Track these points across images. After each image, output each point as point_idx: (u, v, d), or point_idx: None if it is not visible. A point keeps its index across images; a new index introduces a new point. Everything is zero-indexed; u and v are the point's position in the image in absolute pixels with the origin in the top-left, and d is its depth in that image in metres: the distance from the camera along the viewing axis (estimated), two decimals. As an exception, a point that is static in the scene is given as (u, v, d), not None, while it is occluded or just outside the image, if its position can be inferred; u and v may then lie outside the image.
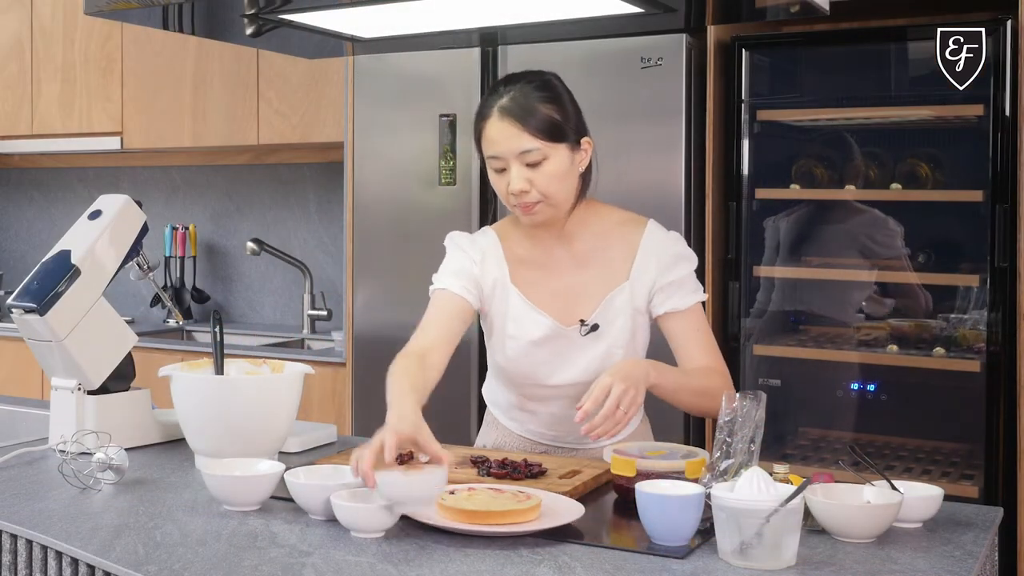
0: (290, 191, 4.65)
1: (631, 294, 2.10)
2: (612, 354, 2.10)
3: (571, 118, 2.04)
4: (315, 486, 1.75)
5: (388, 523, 1.66)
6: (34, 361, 2.36)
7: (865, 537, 1.63)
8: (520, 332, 2.12)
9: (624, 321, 2.10)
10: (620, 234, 2.13)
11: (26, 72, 4.73)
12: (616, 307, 2.10)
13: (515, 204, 2.04)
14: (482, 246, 2.16)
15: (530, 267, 2.14)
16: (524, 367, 2.15)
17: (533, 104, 2.00)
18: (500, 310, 2.14)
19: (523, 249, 2.16)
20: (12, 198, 5.42)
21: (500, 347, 2.16)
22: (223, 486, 1.80)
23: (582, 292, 2.11)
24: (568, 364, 2.12)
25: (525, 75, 2.06)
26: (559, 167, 2.02)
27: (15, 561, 1.73)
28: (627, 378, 1.88)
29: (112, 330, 2.25)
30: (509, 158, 2.00)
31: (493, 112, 2.01)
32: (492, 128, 2.01)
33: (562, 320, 2.11)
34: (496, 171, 2.04)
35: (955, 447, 3.18)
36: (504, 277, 2.14)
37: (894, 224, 3.17)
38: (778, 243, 3.33)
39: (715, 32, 3.19)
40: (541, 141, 1.99)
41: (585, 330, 2.10)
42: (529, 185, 2.01)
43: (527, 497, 1.72)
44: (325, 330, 4.42)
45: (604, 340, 2.10)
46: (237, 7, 2.20)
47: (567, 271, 2.13)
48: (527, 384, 2.17)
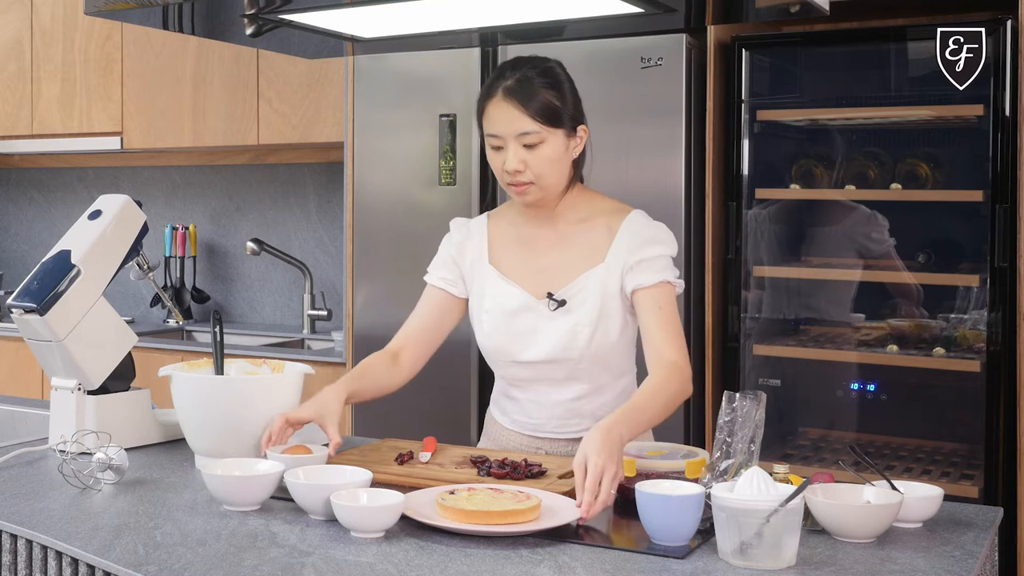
0: (290, 191, 4.65)
1: (604, 275, 2.14)
2: (579, 332, 2.13)
3: (569, 105, 2.13)
4: (315, 486, 1.75)
5: (388, 523, 1.66)
6: (34, 361, 2.37)
7: (865, 537, 1.63)
8: (495, 305, 2.20)
9: (594, 301, 2.14)
10: (604, 220, 2.19)
11: (26, 72, 4.73)
12: (588, 287, 2.14)
13: (509, 183, 2.13)
14: (470, 228, 2.28)
15: (513, 245, 2.23)
16: (499, 341, 2.20)
17: (536, 89, 2.08)
18: (478, 289, 2.23)
19: (511, 228, 2.25)
20: (12, 198, 5.42)
21: (478, 323, 2.23)
22: (223, 486, 1.80)
23: (559, 270, 2.17)
24: (538, 338, 2.16)
25: (531, 60, 2.14)
26: (554, 151, 2.10)
27: (15, 561, 1.73)
28: (601, 452, 1.77)
29: (112, 330, 2.25)
30: (508, 138, 2.09)
31: (497, 92, 2.10)
32: (495, 108, 2.10)
33: (534, 293, 2.18)
34: (494, 148, 2.13)
35: (955, 447, 3.18)
36: (482, 257, 2.23)
37: (881, 219, 3.18)
38: (775, 242, 3.33)
39: (715, 32, 3.19)
40: (539, 124, 2.08)
41: (553, 305, 2.15)
42: (524, 166, 2.09)
43: (527, 497, 1.72)
44: (325, 330, 4.42)
45: (572, 317, 2.14)
46: (237, 7, 2.20)
47: (547, 250, 2.20)
48: (505, 363, 2.22)
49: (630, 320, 2.17)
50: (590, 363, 2.15)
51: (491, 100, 2.11)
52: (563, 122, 2.10)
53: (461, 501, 1.69)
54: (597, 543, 1.65)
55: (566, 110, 2.11)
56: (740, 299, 3.24)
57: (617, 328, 2.16)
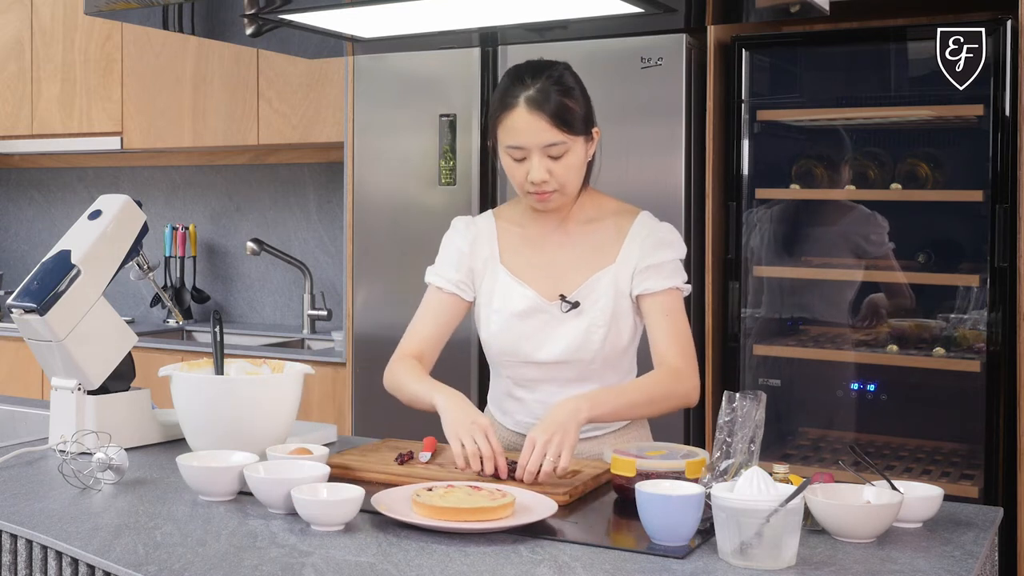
0: (290, 191, 4.65)
1: (615, 276, 2.14)
2: (592, 332, 2.13)
3: (585, 110, 2.11)
4: (274, 480, 1.77)
5: (348, 516, 1.69)
6: (34, 361, 2.37)
7: (865, 537, 1.63)
8: (504, 305, 2.18)
9: (606, 302, 2.13)
10: (613, 221, 2.19)
11: (26, 72, 4.73)
12: (600, 288, 2.14)
13: (531, 192, 2.10)
14: (479, 226, 2.25)
15: (522, 245, 2.21)
16: (507, 342, 2.19)
17: (560, 98, 2.06)
18: (488, 287, 2.21)
19: (517, 229, 2.23)
20: (12, 198, 5.42)
21: (486, 322, 2.22)
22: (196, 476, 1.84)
23: (569, 269, 2.17)
24: (552, 339, 2.16)
25: (544, 66, 2.11)
26: (577, 158, 2.10)
27: (15, 561, 1.73)
28: (550, 427, 1.91)
29: (112, 330, 2.25)
30: (533, 149, 2.06)
31: (519, 103, 2.06)
32: (519, 119, 2.06)
33: (545, 294, 2.16)
34: (515, 160, 2.10)
35: (955, 447, 3.18)
36: (494, 256, 2.21)
37: (881, 219, 3.18)
38: (776, 242, 3.33)
39: (715, 32, 3.19)
40: (565, 135, 2.06)
41: (566, 307, 2.14)
42: (548, 175, 2.08)
43: (503, 495, 1.74)
44: (325, 330, 4.42)
45: (585, 318, 2.14)
46: (237, 7, 2.20)
47: (556, 248, 2.19)
48: (513, 363, 2.21)
49: (639, 322, 2.18)
50: (602, 364, 2.16)
51: (512, 111, 2.07)
52: (582, 128, 2.09)
53: (436, 498, 1.71)
54: (597, 543, 1.65)
55: (582, 115, 2.10)
56: (740, 299, 3.24)
57: (629, 328, 2.17)
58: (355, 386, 3.66)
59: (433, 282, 2.25)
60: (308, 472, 1.81)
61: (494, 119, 2.11)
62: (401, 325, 2.28)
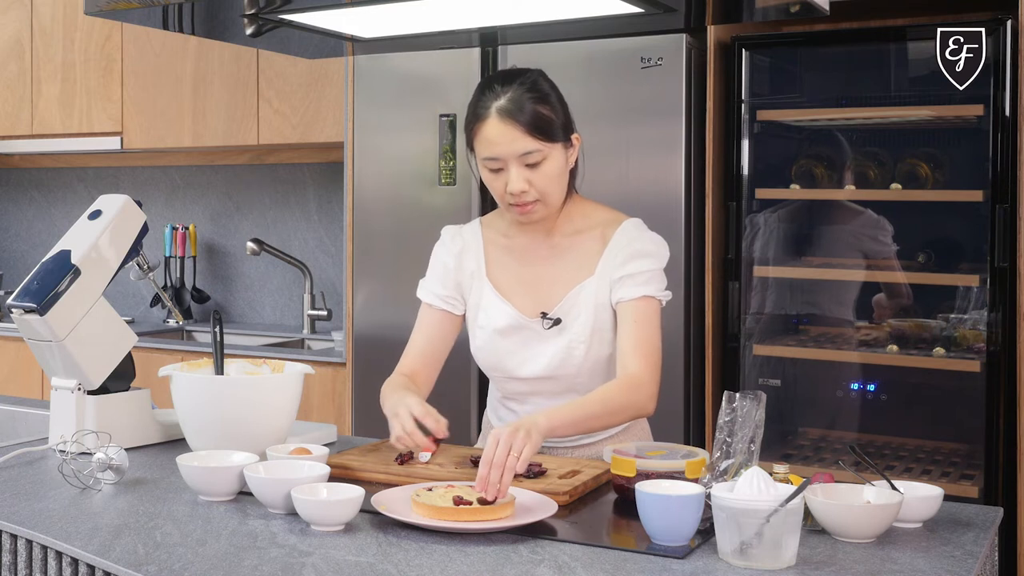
0: (290, 191, 4.65)
1: (595, 289, 2.12)
2: (574, 348, 2.12)
3: (561, 116, 2.08)
4: (274, 480, 1.77)
5: (348, 516, 1.68)
6: (34, 361, 2.37)
7: (865, 537, 1.63)
8: (487, 321, 2.17)
9: (587, 316, 2.12)
10: (600, 231, 2.16)
11: (26, 72, 4.73)
12: (580, 301, 2.12)
13: (512, 203, 2.08)
14: (465, 238, 2.23)
15: (507, 257, 2.19)
16: (491, 357, 2.19)
17: (531, 106, 2.02)
18: (475, 302, 2.20)
19: (503, 240, 2.21)
20: (12, 198, 5.42)
21: (473, 337, 2.22)
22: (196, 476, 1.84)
23: (551, 284, 2.15)
24: (534, 357, 2.15)
25: (515, 74, 2.08)
26: (556, 166, 2.06)
27: (15, 561, 1.73)
28: (511, 426, 1.84)
29: (112, 330, 2.25)
30: (509, 159, 2.03)
31: (491, 113, 2.03)
32: (492, 129, 2.03)
33: (526, 311, 2.15)
34: (492, 172, 2.07)
35: (955, 447, 3.18)
36: (480, 269, 2.20)
37: (887, 224, 3.18)
38: (776, 242, 3.33)
39: (715, 32, 3.19)
40: (541, 142, 2.03)
41: (548, 324, 2.13)
42: (528, 185, 2.04)
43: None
44: (325, 330, 4.42)
45: (567, 334, 2.13)
46: (237, 7, 2.20)
47: (541, 262, 2.17)
48: (500, 378, 2.21)
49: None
50: (588, 376, 2.15)
51: (484, 122, 2.04)
52: (560, 135, 2.06)
53: (435, 498, 1.71)
54: (597, 543, 1.65)
55: (560, 122, 2.06)
56: (740, 299, 3.24)
57: (611, 340, 2.14)
58: (355, 386, 3.66)
59: (424, 299, 2.24)
60: (308, 472, 1.81)
61: (468, 132, 2.08)
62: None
